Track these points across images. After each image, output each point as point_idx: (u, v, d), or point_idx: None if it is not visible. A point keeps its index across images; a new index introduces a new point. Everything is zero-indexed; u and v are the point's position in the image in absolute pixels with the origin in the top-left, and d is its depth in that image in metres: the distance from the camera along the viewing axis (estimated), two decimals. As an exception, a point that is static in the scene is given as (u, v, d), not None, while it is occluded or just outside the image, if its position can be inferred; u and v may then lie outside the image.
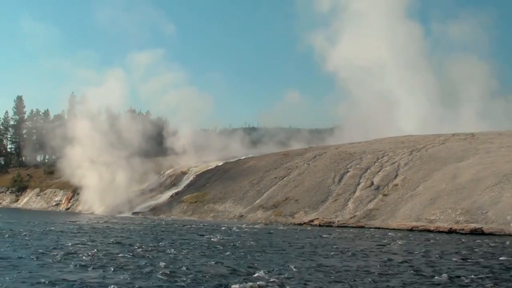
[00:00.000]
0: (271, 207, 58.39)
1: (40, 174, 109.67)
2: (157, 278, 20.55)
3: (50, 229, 43.21)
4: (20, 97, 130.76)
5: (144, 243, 32.35)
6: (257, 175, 68.99)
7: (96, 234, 39.73)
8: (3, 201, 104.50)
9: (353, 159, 62.61)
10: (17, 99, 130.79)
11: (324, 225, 49.80)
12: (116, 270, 22.15)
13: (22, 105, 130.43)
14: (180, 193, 75.32)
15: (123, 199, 77.04)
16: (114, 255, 26.68)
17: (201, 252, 28.39)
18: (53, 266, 23.27)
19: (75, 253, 27.25)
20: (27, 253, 27.25)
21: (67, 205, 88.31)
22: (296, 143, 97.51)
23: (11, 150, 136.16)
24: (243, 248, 30.64)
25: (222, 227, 47.38)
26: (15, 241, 33.33)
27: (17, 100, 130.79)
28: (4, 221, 53.77)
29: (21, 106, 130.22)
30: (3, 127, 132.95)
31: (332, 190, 56.70)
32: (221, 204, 64.76)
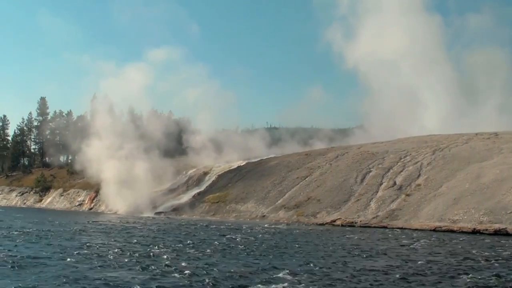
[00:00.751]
0: (293, 207, 58.31)
1: (63, 175, 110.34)
2: (179, 277, 20.64)
3: (74, 229, 43.50)
4: (43, 98, 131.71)
5: (167, 243, 32.47)
6: (279, 175, 68.91)
7: (119, 234, 39.94)
8: (27, 201, 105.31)
9: (375, 159, 62.33)
10: (40, 100, 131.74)
11: (346, 225, 49.67)
12: (139, 270, 22.30)
13: (46, 106, 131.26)
14: (202, 193, 75.39)
15: (146, 199, 77.28)
16: (137, 254, 26.82)
17: (223, 252, 28.45)
18: (78, 265, 23.46)
19: (99, 253, 27.44)
20: (52, 252, 27.50)
21: (90, 205, 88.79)
22: (318, 143, 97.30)
23: (35, 151, 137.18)
24: (266, 248, 30.66)
25: (244, 227, 47.40)
26: (39, 241, 33.66)
27: (40, 101, 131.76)
28: (29, 221, 54.21)
29: (44, 107, 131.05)
30: (27, 128, 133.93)
31: (355, 190, 56.49)
32: (243, 204, 64.76)
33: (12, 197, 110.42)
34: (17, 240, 34.05)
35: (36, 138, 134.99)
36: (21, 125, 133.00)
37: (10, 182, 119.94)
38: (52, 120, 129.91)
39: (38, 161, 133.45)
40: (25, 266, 23.05)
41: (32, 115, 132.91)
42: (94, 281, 19.74)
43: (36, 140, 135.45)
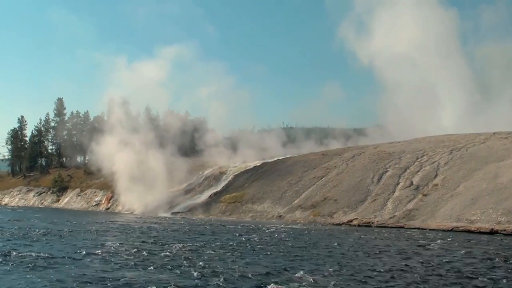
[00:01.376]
0: (310, 207, 58.27)
1: (80, 175, 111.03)
2: (196, 277, 20.68)
3: (91, 228, 43.70)
4: (60, 99, 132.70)
5: (183, 243, 32.51)
6: (296, 175, 68.88)
7: (136, 233, 40.07)
8: (44, 201, 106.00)
9: (392, 159, 62.13)
10: (57, 101, 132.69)
11: (363, 225, 49.58)
12: (156, 269, 22.36)
13: (63, 106, 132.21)
14: (218, 193, 75.50)
15: (162, 199, 77.57)
16: (154, 254, 26.91)
17: (240, 252, 28.46)
18: (95, 265, 23.58)
19: (116, 252, 27.56)
20: (69, 252, 27.63)
21: (107, 205, 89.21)
22: (334, 143, 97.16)
23: (52, 151, 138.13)
24: (282, 248, 30.64)
25: (261, 227, 47.39)
26: (57, 241, 33.84)
27: (57, 102, 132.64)
28: (46, 221, 54.50)
29: (61, 107, 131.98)
30: (44, 129, 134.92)
31: (371, 190, 56.36)
32: (259, 204, 64.79)
33: (30, 197, 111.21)
34: (35, 240, 34.27)
35: (53, 139, 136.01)
36: (39, 126, 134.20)
37: (28, 182, 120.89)
38: (69, 120, 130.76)
39: (55, 162, 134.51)
40: (42, 266, 23.19)
41: (49, 116, 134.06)
42: (111, 281, 19.82)
43: (53, 141, 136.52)
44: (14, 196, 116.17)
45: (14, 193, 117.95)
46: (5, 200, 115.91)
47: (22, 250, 27.78)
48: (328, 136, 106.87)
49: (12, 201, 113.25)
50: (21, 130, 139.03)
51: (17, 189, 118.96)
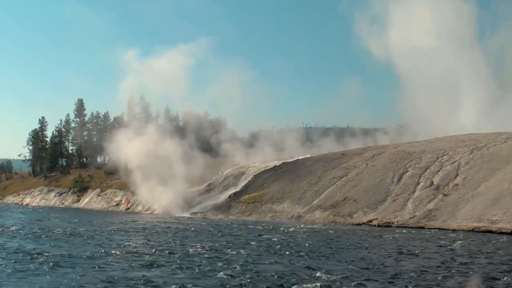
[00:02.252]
0: (329, 207, 58.11)
1: (100, 175, 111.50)
2: (216, 277, 20.74)
3: (112, 229, 43.95)
4: (80, 100, 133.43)
5: (203, 243, 32.59)
6: (315, 175, 68.71)
7: (156, 234, 40.24)
8: (65, 201, 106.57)
9: (412, 159, 61.78)
10: (77, 102, 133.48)
11: (383, 225, 49.32)
12: (176, 269, 22.44)
13: (83, 107, 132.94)
14: (238, 193, 75.46)
15: (182, 199, 77.70)
16: (174, 254, 27.01)
17: (260, 252, 28.49)
18: (116, 265, 23.71)
19: (137, 252, 27.71)
20: (91, 251, 27.82)
21: (127, 205, 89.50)
22: (354, 142, 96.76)
23: (73, 152, 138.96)
24: (302, 248, 30.62)
25: (280, 227, 47.38)
26: (78, 240, 34.10)
27: (77, 102, 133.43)
28: (68, 221, 54.87)
29: (81, 108, 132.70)
30: (65, 130, 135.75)
31: (391, 190, 56.08)
32: (279, 204, 64.70)
33: (51, 197, 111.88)
34: (56, 239, 34.54)
35: (73, 139, 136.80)
36: (59, 127, 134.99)
37: (48, 182, 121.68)
38: (89, 121, 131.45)
39: (75, 162, 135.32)
40: (64, 265, 23.38)
41: (69, 117, 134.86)
42: (131, 280, 19.94)
43: (73, 141, 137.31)
44: (35, 196, 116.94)
45: (35, 193, 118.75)
46: (26, 200, 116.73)
47: (43, 250, 28.03)
48: (347, 136, 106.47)
49: (33, 201, 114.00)
50: (41, 131, 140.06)
51: (38, 189, 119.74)
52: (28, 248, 28.69)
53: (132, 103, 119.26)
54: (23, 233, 38.91)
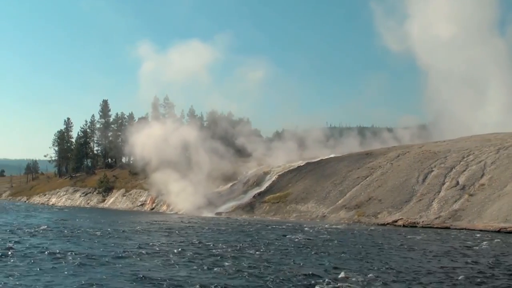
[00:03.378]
0: (354, 207, 57.91)
1: (125, 175, 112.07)
2: (241, 277, 20.79)
3: (136, 228, 44.22)
4: (105, 101, 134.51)
5: (228, 243, 32.66)
6: (340, 175, 68.49)
7: (180, 233, 40.39)
8: (90, 201, 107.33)
9: (437, 158, 61.33)
10: (102, 103, 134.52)
11: (408, 225, 48.99)
12: (201, 269, 22.54)
13: (108, 108, 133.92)
14: (262, 193, 75.43)
15: (206, 200, 77.87)
16: (199, 254, 27.11)
17: (284, 252, 28.51)
18: (140, 264, 23.90)
19: (162, 252, 27.89)
20: (115, 251, 28.02)
21: (151, 205, 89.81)
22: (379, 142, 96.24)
23: (98, 152, 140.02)
24: (327, 248, 30.58)
25: (305, 227, 47.30)
26: (104, 240, 34.35)
27: (102, 103, 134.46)
28: (93, 221, 55.28)
29: (106, 109, 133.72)
30: (90, 130, 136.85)
31: (416, 190, 55.70)
32: (303, 205, 64.58)
33: (76, 197, 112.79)
34: (82, 239, 34.83)
35: (98, 140, 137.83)
36: (84, 127, 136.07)
37: (74, 182, 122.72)
38: (114, 122, 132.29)
39: (100, 162, 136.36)
40: (89, 264, 23.61)
41: (94, 118, 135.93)
42: (156, 280, 20.06)
43: (98, 142, 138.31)
44: (61, 196, 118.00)
45: (61, 193, 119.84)
46: (52, 200, 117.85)
47: (70, 249, 28.30)
48: (372, 135, 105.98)
49: (59, 201, 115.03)
50: (67, 132, 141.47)
51: (64, 190, 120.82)
52: (54, 248, 28.96)
53: (156, 104, 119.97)
54: (49, 232, 39.30)
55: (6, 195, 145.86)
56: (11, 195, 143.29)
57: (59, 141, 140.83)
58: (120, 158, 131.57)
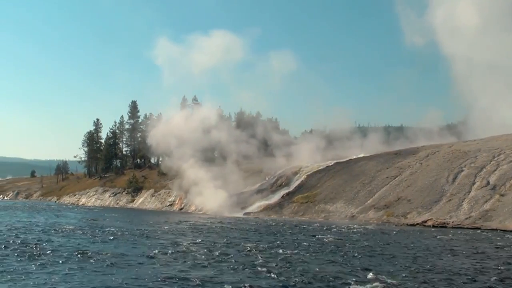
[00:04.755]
0: (383, 207, 57.59)
1: (154, 175, 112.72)
2: (270, 277, 20.77)
3: (166, 228, 44.45)
4: (134, 102, 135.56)
5: (257, 243, 32.67)
6: (368, 175, 68.16)
7: (209, 234, 40.50)
8: (119, 201, 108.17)
9: (467, 158, 60.72)
10: (131, 104, 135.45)
11: (438, 226, 48.52)
12: (231, 269, 22.56)
13: (136, 109, 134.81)
14: (291, 193, 75.32)
15: (235, 200, 77.97)
16: (228, 254, 27.15)
17: (313, 253, 28.44)
18: (168, 264, 24.02)
19: (190, 252, 27.98)
20: (143, 251, 28.25)
21: (180, 205, 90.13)
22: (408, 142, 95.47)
23: (127, 153, 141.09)
24: (356, 248, 30.45)
25: (334, 227, 47.19)
26: (133, 240, 34.62)
27: (131, 104, 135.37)
28: (122, 221, 55.71)
29: (135, 110, 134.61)
30: (119, 131, 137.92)
31: (446, 190, 55.18)
32: (332, 205, 64.37)
33: (106, 197, 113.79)
34: (112, 239, 35.07)
35: (127, 141, 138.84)
36: (113, 128, 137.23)
37: (103, 183, 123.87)
38: (142, 122, 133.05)
39: (129, 163, 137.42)
40: (119, 264, 23.78)
41: (123, 118, 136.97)
42: (185, 280, 20.13)
43: (127, 143, 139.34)
44: (91, 196, 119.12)
45: (90, 193, 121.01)
46: (82, 200, 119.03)
47: (99, 249, 28.54)
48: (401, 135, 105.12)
49: (88, 201, 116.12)
50: (96, 133, 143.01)
51: (93, 190, 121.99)
52: (84, 247, 29.23)
53: (184, 104, 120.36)
54: (79, 232, 39.67)
55: (37, 195, 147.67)
56: (42, 195, 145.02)
57: (88, 142, 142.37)
58: (149, 159, 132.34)
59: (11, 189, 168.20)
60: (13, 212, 73.17)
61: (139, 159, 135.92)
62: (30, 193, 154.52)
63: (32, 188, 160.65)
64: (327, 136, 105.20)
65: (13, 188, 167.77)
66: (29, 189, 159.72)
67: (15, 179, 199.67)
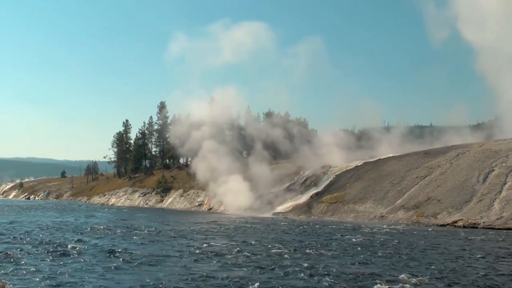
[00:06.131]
0: (413, 208, 57.18)
1: (183, 176, 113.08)
2: (300, 278, 20.75)
3: (195, 228, 44.59)
4: (162, 103, 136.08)
5: (286, 243, 32.64)
6: (398, 175, 67.73)
7: (238, 234, 40.53)
8: (149, 201, 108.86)
9: (498, 157, 60.04)
10: (160, 105, 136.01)
11: (468, 226, 48.00)
12: (259, 270, 22.55)
13: (165, 110, 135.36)
14: (319, 193, 75.15)
15: (263, 200, 78.03)
16: (256, 255, 27.16)
17: (342, 253, 28.33)
18: (198, 264, 24.10)
19: (219, 252, 28.01)
20: (173, 251, 28.36)
21: (209, 205, 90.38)
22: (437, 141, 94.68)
23: (156, 153, 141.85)
24: (385, 249, 30.28)
25: (363, 227, 46.98)
26: (163, 240, 34.77)
27: (160, 105, 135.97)
28: (152, 221, 56.02)
29: (164, 111, 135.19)
30: (148, 132, 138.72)
31: (477, 190, 54.57)
32: (361, 205, 64.07)
33: (135, 197, 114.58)
34: (141, 238, 35.34)
35: (156, 141, 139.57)
36: (143, 129, 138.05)
37: (133, 183, 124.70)
38: (171, 123, 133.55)
39: (158, 163, 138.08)
40: (149, 263, 23.95)
41: (152, 119, 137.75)
42: (214, 280, 20.18)
43: (156, 143, 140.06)
44: (120, 196, 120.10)
45: (120, 193, 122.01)
46: (111, 201, 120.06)
47: (129, 249, 28.77)
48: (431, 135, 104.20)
49: (118, 201, 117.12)
50: (126, 134, 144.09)
51: (123, 190, 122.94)
52: (115, 247, 29.44)
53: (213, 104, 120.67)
54: (110, 232, 40.03)
55: (67, 196, 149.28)
56: (72, 195, 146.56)
57: (118, 143, 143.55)
58: (178, 159, 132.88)
59: (42, 189, 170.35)
60: (44, 212, 74.03)
61: (168, 159, 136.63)
62: (60, 193, 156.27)
63: (62, 188, 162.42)
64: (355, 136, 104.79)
65: (44, 189, 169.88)
66: (59, 189, 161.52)
67: (46, 180, 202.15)
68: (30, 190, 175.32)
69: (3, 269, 21.95)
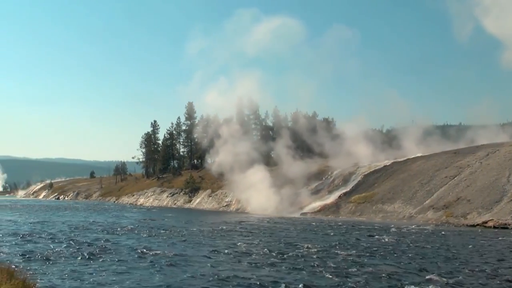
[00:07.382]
0: (442, 208, 56.69)
1: (211, 176, 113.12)
2: (328, 278, 20.66)
3: (223, 228, 44.62)
4: (190, 103, 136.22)
5: (314, 243, 32.54)
6: (427, 175, 67.19)
7: (266, 234, 40.52)
8: (177, 201, 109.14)
9: (529, 157, 59.42)
10: (188, 105, 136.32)
11: (498, 226, 47.40)
12: (288, 269, 22.53)
13: (193, 110, 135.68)
14: (348, 193, 74.89)
15: (292, 200, 77.94)
16: (284, 254, 27.11)
17: (371, 253, 28.19)
18: (227, 264, 24.10)
19: (247, 252, 28.03)
20: (201, 251, 28.44)
21: (237, 205, 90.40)
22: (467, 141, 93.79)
23: (184, 154, 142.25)
24: (414, 249, 30.07)
25: (392, 228, 46.67)
26: (191, 240, 34.85)
27: (188, 106, 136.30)
28: (180, 221, 56.18)
29: (191, 111, 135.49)
30: (176, 132, 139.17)
31: (507, 190, 53.93)
32: (389, 205, 63.67)
33: (163, 197, 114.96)
34: (170, 238, 35.49)
35: (184, 142, 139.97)
36: (171, 130, 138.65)
37: (161, 183, 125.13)
38: (199, 123, 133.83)
39: (186, 163, 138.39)
40: (177, 263, 24.00)
41: (180, 120, 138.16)
42: (242, 280, 20.15)
43: (184, 144, 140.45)
44: (149, 196, 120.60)
45: (148, 193, 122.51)
46: (140, 201, 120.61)
47: (158, 248, 28.89)
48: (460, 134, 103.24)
49: (146, 202, 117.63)
50: (154, 134, 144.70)
51: (151, 190, 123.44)
52: (143, 247, 29.57)
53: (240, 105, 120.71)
54: (138, 232, 40.24)
55: (96, 196, 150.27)
56: (101, 195, 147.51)
57: (146, 143, 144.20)
58: (206, 159, 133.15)
59: (71, 189, 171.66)
60: (74, 212, 74.64)
61: (196, 159, 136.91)
62: (89, 193, 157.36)
63: (91, 188, 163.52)
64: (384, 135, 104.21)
65: (73, 189, 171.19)
66: (88, 190, 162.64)
67: (75, 180, 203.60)
68: (59, 190, 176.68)
69: (33, 267, 22.14)
